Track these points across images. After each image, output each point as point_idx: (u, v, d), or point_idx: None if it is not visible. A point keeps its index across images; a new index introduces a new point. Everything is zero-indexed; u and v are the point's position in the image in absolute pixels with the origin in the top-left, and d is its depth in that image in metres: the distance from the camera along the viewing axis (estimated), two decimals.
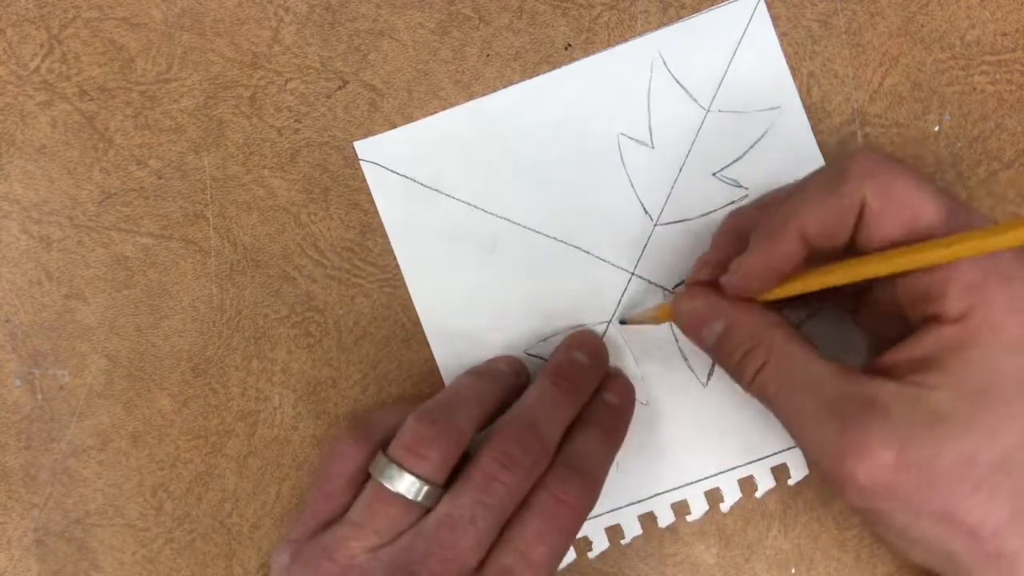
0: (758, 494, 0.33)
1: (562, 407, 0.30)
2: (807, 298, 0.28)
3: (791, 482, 0.33)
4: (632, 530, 0.33)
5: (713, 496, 0.33)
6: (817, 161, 0.34)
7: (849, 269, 0.26)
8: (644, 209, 0.34)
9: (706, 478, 0.33)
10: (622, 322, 0.34)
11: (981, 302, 0.24)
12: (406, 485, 0.28)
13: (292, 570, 0.29)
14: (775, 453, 0.33)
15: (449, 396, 0.31)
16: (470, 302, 0.34)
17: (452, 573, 0.27)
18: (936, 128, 0.34)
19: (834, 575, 0.33)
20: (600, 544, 0.33)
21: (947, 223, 0.25)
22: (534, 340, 0.34)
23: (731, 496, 0.33)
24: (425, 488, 0.28)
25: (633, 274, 0.34)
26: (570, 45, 0.35)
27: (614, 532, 0.34)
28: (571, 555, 0.33)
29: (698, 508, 0.33)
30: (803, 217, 0.27)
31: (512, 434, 0.29)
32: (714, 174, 0.34)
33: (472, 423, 0.30)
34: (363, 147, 0.35)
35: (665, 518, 0.33)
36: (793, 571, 0.33)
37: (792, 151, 0.34)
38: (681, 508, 0.33)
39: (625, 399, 0.33)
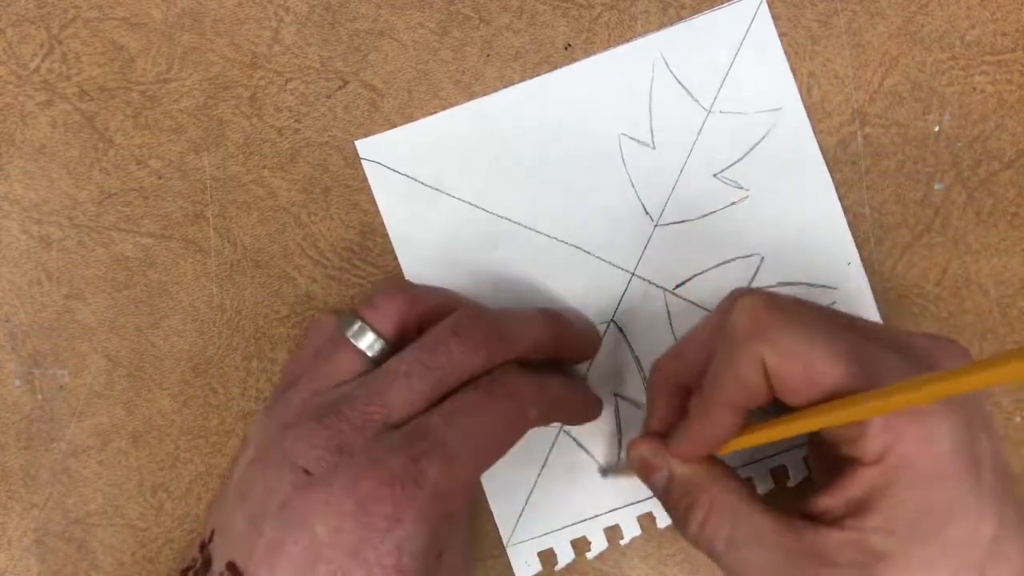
0: None
1: (534, 325, 0.30)
2: None
3: (790, 483, 0.34)
4: (631, 531, 0.33)
5: None
6: (817, 161, 0.34)
7: (770, 431, 0.27)
8: (645, 209, 0.34)
9: None
10: (603, 474, 0.34)
11: (895, 441, 0.24)
12: (358, 335, 0.29)
13: (254, 428, 0.30)
14: (774, 455, 0.33)
15: (434, 286, 0.32)
16: None
17: (373, 419, 0.27)
18: (936, 128, 0.34)
19: None
20: (599, 544, 0.33)
21: (847, 374, 0.25)
22: None
23: None
24: (376, 342, 0.29)
25: (633, 274, 0.34)
26: (570, 45, 0.35)
27: (613, 532, 0.34)
28: (570, 555, 0.33)
29: None
30: (723, 391, 0.27)
31: (472, 312, 0.29)
32: (715, 175, 0.34)
33: (438, 302, 0.30)
34: (364, 146, 0.35)
35: (664, 519, 0.33)
36: None
37: (793, 152, 0.34)
38: None
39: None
